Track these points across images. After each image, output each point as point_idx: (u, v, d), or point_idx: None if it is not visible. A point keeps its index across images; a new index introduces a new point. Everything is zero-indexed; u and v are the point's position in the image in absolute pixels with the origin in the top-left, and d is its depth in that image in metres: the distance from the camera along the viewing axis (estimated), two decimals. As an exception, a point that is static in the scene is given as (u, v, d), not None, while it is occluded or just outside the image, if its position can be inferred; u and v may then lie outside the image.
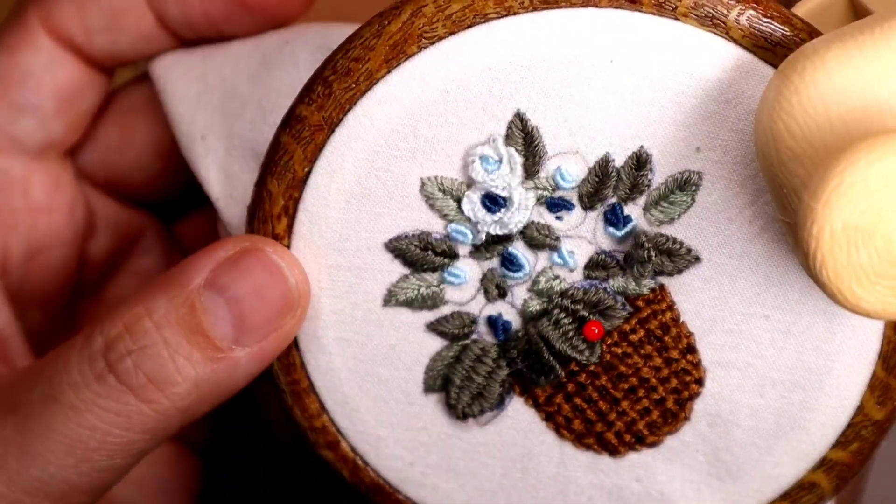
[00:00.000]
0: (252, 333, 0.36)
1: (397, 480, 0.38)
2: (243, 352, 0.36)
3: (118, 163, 0.44)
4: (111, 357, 0.35)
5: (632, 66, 0.35)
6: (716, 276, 0.36)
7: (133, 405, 0.35)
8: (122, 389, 0.35)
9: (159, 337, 0.35)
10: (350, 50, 0.36)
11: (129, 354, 0.35)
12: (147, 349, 0.35)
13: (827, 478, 0.38)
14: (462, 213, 0.36)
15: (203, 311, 0.35)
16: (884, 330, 0.36)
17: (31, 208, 0.43)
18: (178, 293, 0.35)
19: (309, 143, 0.36)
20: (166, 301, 0.35)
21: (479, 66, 0.35)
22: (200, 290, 0.35)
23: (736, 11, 0.35)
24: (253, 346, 0.36)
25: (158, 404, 0.35)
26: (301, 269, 0.36)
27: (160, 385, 0.35)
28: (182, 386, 0.35)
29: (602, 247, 0.37)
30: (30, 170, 0.43)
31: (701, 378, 0.37)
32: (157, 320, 0.35)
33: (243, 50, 0.42)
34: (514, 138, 0.36)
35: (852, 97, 0.32)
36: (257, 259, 0.36)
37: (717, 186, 0.36)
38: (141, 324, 0.35)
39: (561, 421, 0.38)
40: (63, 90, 0.42)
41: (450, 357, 0.37)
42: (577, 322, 0.37)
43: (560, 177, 0.36)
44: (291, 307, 0.36)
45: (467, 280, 0.37)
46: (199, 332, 0.35)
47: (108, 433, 0.35)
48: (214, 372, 0.36)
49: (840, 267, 0.31)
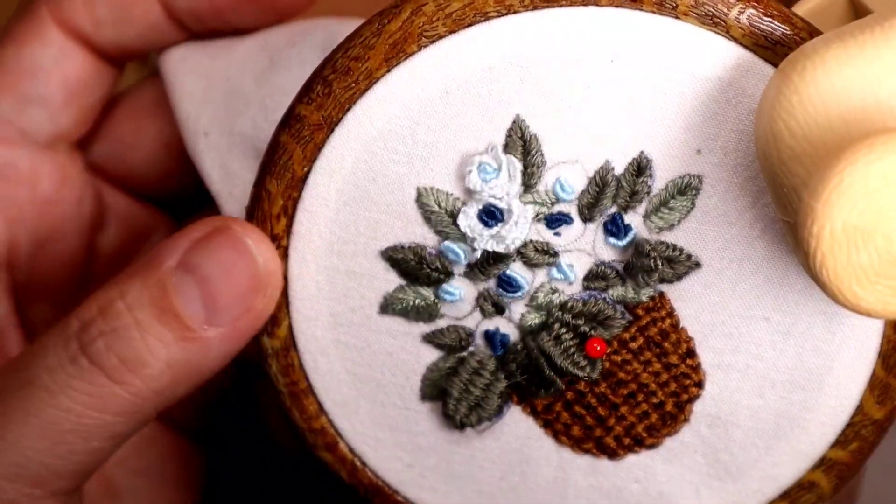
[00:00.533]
0: (223, 313, 0.36)
1: (396, 482, 0.38)
2: (216, 332, 0.36)
3: (129, 158, 0.45)
4: (84, 339, 0.35)
5: (632, 65, 0.35)
6: (716, 281, 0.36)
7: (106, 386, 0.35)
8: (95, 371, 0.35)
9: (131, 318, 0.35)
10: (350, 49, 0.36)
11: (101, 336, 0.35)
12: (119, 331, 0.35)
13: (826, 477, 0.38)
14: (457, 230, 0.36)
15: (175, 291, 0.35)
16: (883, 329, 0.36)
17: (38, 200, 0.43)
18: (151, 275, 0.35)
19: (308, 142, 0.36)
20: (139, 283, 0.35)
21: (479, 66, 0.35)
22: (172, 270, 0.35)
23: (736, 10, 0.35)
24: (225, 326, 0.36)
25: (131, 385, 0.35)
26: (270, 248, 0.36)
27: (132, 366, 0.35)
28: (154, 367, 0.35)
29: (601, 258, 0.37)
30: (37, 162, 0.43)
31: (700, 381, 0.37)
32: (129, 302, 0.35)
33: (251, 50, 0.42)
34: (513, 146, 0.36)
35: (852, 96, 0.32)
36: (226, 237, 0.36)
37: (718, 189, 0.36)
38: (114, 306, 0.35)
39: (559, 428, 0.38)
40: (71, 82, 0.42)
41: (447, 369, 0.37)
42: (579, 338, 0.37)
43: (560, 188, 0.36)
44: (260, 286, 0.36)
45: (462, 298, 0.37)
46: (171, 312, 0.35)
47: (83, 415, 0.35)
48: (186, 352, 0.35)
49: (840, 266, 0.31)
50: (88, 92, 0.43)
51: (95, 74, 0.43)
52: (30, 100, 0.42)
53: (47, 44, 0.42)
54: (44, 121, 0.43)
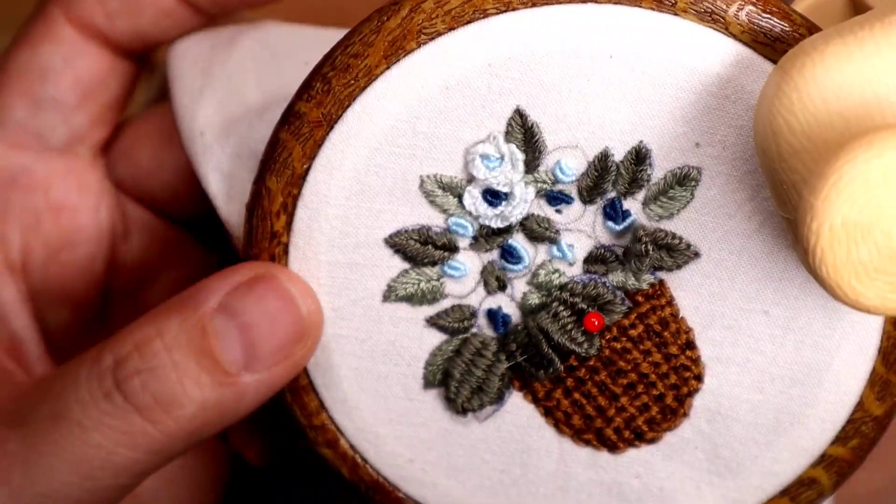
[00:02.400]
0: (262, 360, 0.36)
1: (397, 478, 0.38)
2: (252, 378, 0.35)
3: (149, 184, 0.44)
4: (120, 375, 0.35)
5: (631, 61, 0.35)
6: (715, 272, 0.36)
7: (138, 425, 0.35)
8: (129, 409, 0.35)
9: (169, 359, 0.35)
10: (349, 46, 0.36)
11: (137, 374, 0.35)
12: (156, 370, 0.35)
13: (827, 474, 0.38)
14: (463, 208, 0.36)
15: (214, 335, 0.35)
16: (883, 325, 0.36)
17: (52, 206, 0.43)
18: (190, 316, 0.35)
19: (308, 139, 0.36)
20: (178, 323, 0.35)
21: (478, 62, 0.35)
22: (213, 313, 0.35)
23: (735, 7, 0.35)
24: (262, 373, 0.36)
25: (164, 426, 0.35)
26: (314, 299, 0.36)
27: (167, 407, 0.35)
28: (188, 409, 0.35)
29: (601, 241, 0.37)
30: (52, 167, 0.43)
31: (700, 374, 0.37)
32: (167, 342, 0.35)
33: (253, 46, 0.42)
34: (514, 135, 0.36)
35: (852, 93, 0.32)
36: (271, 286, 0.36)
37: (717, 182, 0.36)
38: (151, 344, 0.35)
39: (560, 416, 0.38)
40: (84, 81, 0.42)
41: (449, 351, 0.37)
42: (577, 315, 0.37)
43: (560, 171, 0.36)
44: (302, 336, 0.36)
45: (467, 273, 0.37)
46: (209, 356, 0.35)
47: (113, 452, 0.35)
48: (222, 396, 0.35)
49: (839, 262, 0.31)
50: (103, 90, 0.43)
51: (110, 71, 0.42)
52: (42, 103, 0.42)
53: (58, 43, 0.42)
54: (57, 123, 0.42)
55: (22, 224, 0.43)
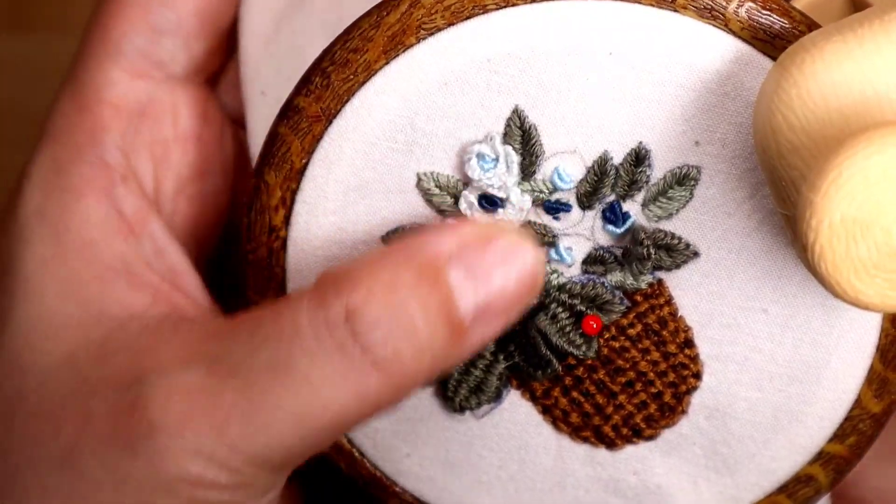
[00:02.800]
0: (492, 313, 0.33)
1: (394, 472, 0.38)
2: (476, 333, 0.33)
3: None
4: (357, 327, 0.33)
5: (630, 58, 0.35)
6: (714, 271, 0.36)
7: (373, 380, 0.33)
8: (366, 363, 0.33)
9: (410, 309, 0.33)
10: (348, 41, 0.36)
11: (377, 326, 0.33)
12: (399, 321, 0.33)
13: (824, 471, 0.38)
14: (459, 211, 0.36)
15: (451, 288, 0.33)
16: (882, 323, 0.37)
17: (181, 137, 0.41)
18: (427, 267, 0.33)
19: (306, 134, 0.36)
20: (415, 274, 0.33)
21: (477, 58, 0.35)
22: (448, 266, 0.33)
23: (735, 3, 0.35)
24: (486, 326, 0.34)
25: (397, 380, 0.33)
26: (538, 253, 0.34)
27: (408, 361, 0.33)
28: (424, 362, 0.33)
29: (600, 242, 0.37)
30: (178, 97, 0.41)
31: (699, 372, 0.37)
32: (405, 293, 0.33)
33: (324, 6, 0.41)
34: (512, 136, 0.36)
35: (851, 90, 0.32)
36: (507, 244, 0.34)
37: (716, 180, 0.36)
38: (390, 294, 0.33)
39: (558, 414, 0.38)
40: (203, 7, 0.40)
41: (448, 349, 0.37)
42: (575, 317, 0.37)
43: (558, 178, 0.36)
44: (529, 291, 0.34)
45: None
46: (449, 306, 0.33)
47: (345, 406, 0.33)
48: (451, 349, 0.33)
49: (839, 259, 0.31)
50: (220, 17, 0.41)
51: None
52: (164, 29, 0.40)
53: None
54: (178, 51, 0.40)
55: (153, 156, 0.40)
